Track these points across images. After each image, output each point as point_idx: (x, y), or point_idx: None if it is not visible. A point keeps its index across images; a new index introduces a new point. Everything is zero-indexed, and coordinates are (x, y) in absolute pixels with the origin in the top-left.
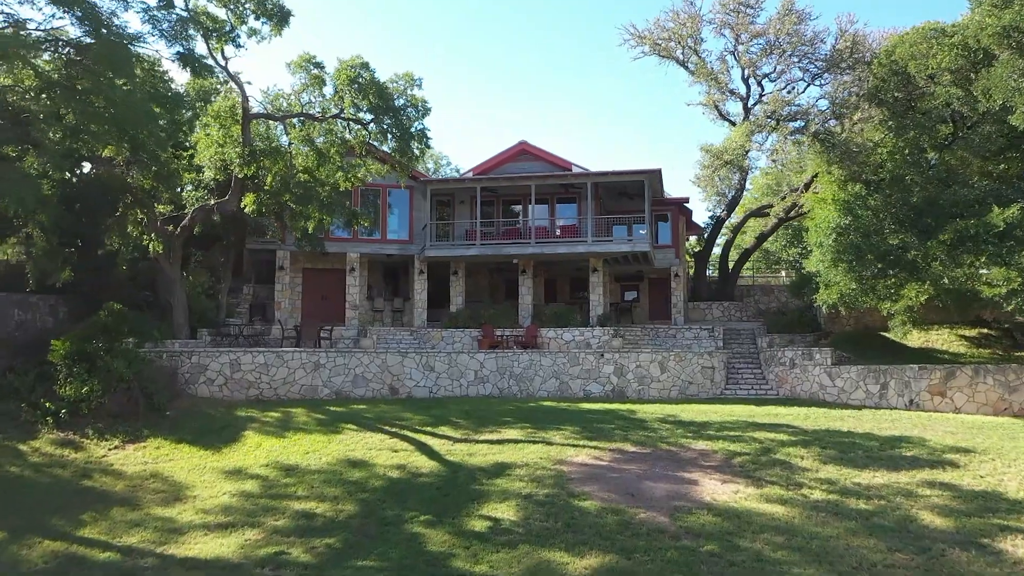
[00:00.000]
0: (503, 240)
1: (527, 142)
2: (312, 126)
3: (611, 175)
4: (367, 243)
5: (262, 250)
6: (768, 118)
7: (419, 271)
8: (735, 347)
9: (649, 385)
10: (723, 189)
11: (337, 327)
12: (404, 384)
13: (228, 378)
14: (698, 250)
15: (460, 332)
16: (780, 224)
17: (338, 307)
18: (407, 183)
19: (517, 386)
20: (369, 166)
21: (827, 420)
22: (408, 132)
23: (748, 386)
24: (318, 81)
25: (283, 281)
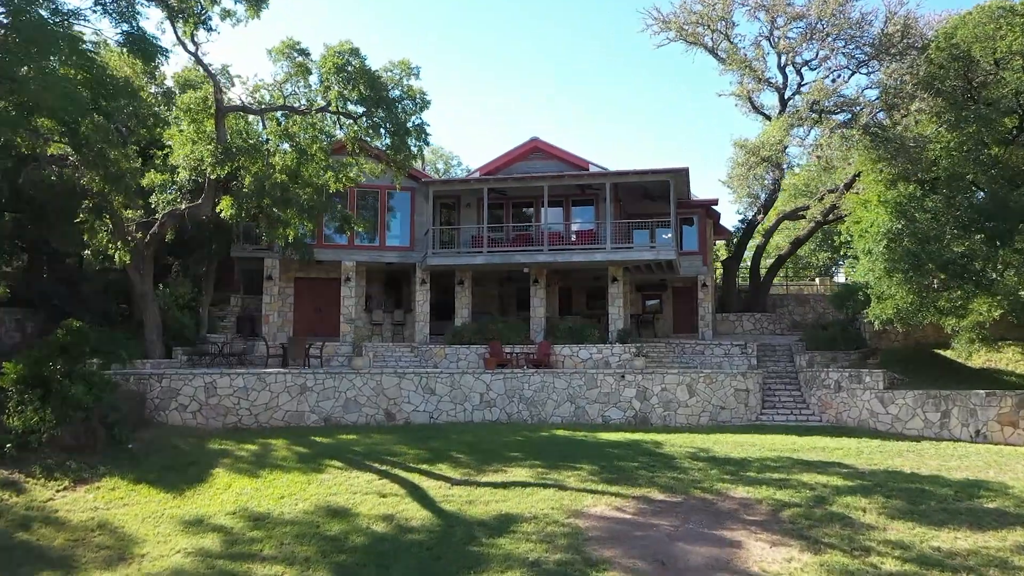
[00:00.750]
0: (513, 247)
1: (539, 139)
2: (295, 120)
3: (632, 175)
4: (364, 250)
5: (250, 258)
6: (810, 110)
7: (421, 281)
8: (770, 365)
9: (676, 411)
10: (755, 189)
11: (331, 342)
12: (401, 409)
13: (203, 404)
14: (727, 256)
15: (465, 349)
16: (817, 228)
17: (334, 320)
18: (407, 184)
19: (527, 411)
20: (362, 165)
21: (884, 456)
22: (404, 127)
23: (787, 411)
24: (302, 70)
25: (271, 292)
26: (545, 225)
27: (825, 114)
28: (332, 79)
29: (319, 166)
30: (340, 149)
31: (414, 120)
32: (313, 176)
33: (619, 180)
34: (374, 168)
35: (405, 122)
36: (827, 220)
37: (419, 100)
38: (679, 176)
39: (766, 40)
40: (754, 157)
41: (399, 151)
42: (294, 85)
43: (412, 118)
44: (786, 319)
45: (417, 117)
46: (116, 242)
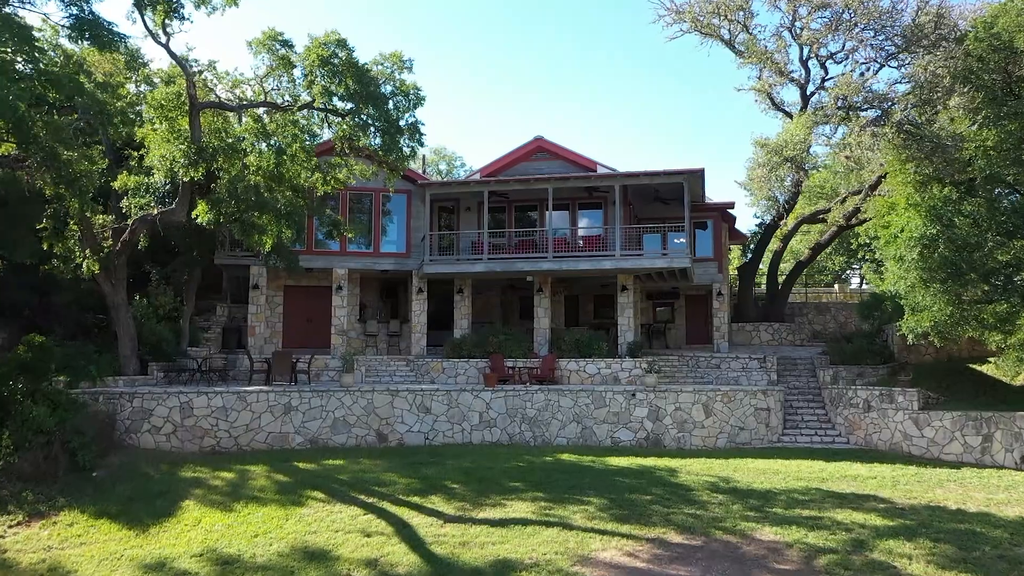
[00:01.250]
0: (515, 254)
1: (543, 138)
2: (274, 118)
3: (644, 176)
4: (357, 257)
5: (237, 265)
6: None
7: (418, 290)
8: (791, 380)
9: (691, 432)
10: (775, 192)
11: (322, 355)
12: (394, 429)
13: (178, 425)
14: (743, 263)
15: (464, 363)
16: (839, 233)
17: (326, 330)
18: (403, 187)
19: (531, 431)
20: (352, 166)
21: (922, 487)
22: (395, 125)
23: (811, 431)
24: (285, 64)
25: (258, 302)
26: (550, 230)
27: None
28: (316, 73)
29: (301, 167)
30: (329, 150)
31: (407, 118)
32: (294, 178)
33: (629, 182)
34: (365, 170)
35: (397, 120)
36: (849, 224)
37: (412, 96)
38: (694, 178)
39: (787, 31)
40: (776, 157)
41: (390, 151)
42: (277, 80)
43: (405, 116)
44: (806, 329)
45: (410, 114)
46: (84, 250)
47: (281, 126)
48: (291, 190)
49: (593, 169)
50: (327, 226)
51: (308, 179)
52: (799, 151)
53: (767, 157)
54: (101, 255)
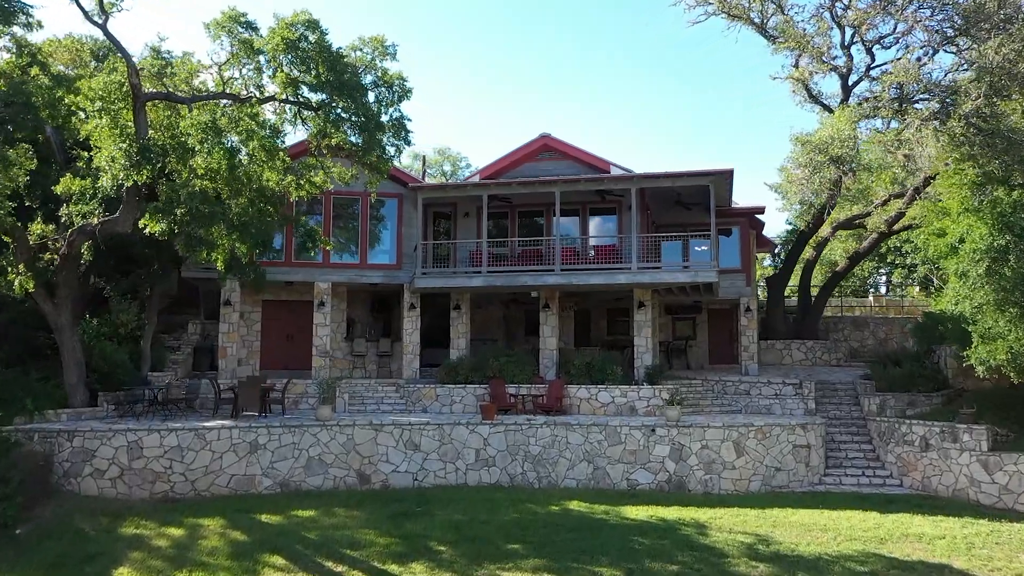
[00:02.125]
0: (519, 266)
1: (550, 135)
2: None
3: (664, 178)
4: (342, 269)
5: (208, 278)
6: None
7: (410, 305)
8: (831, 409)
9: (720, 474)
10: (808, 195)
11: (300, 380)
12: (378, 469)
13: (125, 468)
14: (772, 273)
15: (460, 389)
16: (881, 240)
17: (308, 349)
18: (393, 190)
19: (534, 471)
20: (329, 168)
21: (1004, 552)
22: (375, 120)
23: (857, 471)
24: (247, 49)
25: (230, 320)
26: (557, 239)
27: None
28: (281, 58)
29: (263, 168)
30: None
31: (391, 113)
32: (255, 181)
33: (647, 185)
34: (343, 172)
35: (378, 114)
36: (892, 231)
37: (397, 88)
38: (721, 180)
39: (828, 12)
40: (821, 156)
41: (369, 150)
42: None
43: (389, 110)
44: (842, 347)
45: (395, 109)
46: (18, 264)
47: (234, 121)
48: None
49: (606, 170)
50: (301, 237)
51: (280, 183)
52: (847, 149)
53: (808, 156)
54: (39, 269)
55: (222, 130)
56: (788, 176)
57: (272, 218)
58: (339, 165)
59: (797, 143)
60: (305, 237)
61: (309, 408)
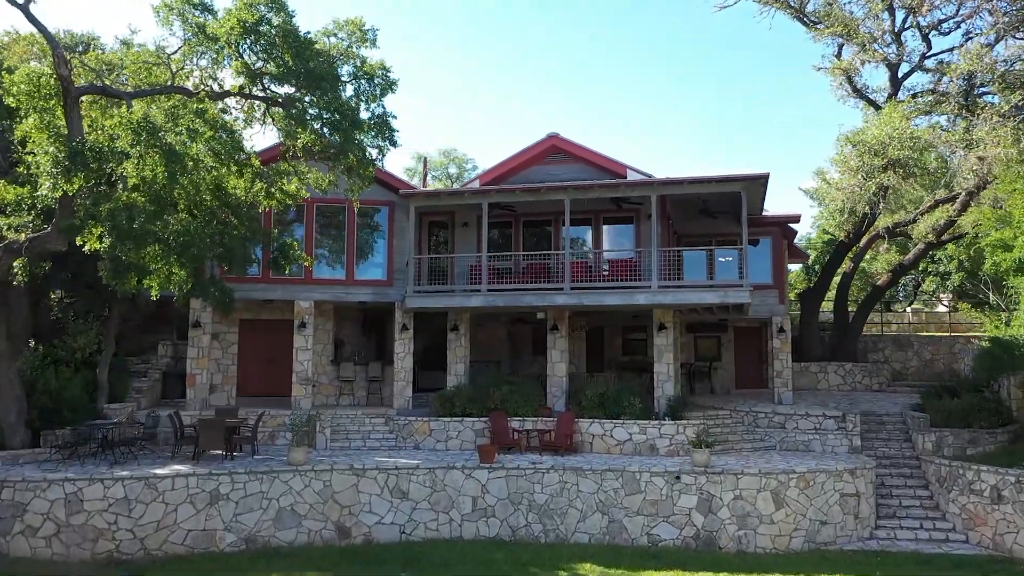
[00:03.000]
0: (524, 283)
1: (559, 136)
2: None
3: (689, 184)
4: (326, 286)
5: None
6: (960, 90)
7: (402, 326)
8: (878, 445)
9: (756, 529)
10: (860, 205)
11: (279, 412)
12: (360, 521)
13: (62, 524)
14: (805, 288)
15: (457, 423)
16: (927, 251)
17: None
18: (383, 197)
19: (540, 523)
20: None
21: None
22: (352, 117)
23: (914, 523)
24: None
25: (200, 344)
26: (567, 252)
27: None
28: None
29: (219, 175)
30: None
31: (373, 108)
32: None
33: (670, 191)
34: (320, 178)
35: (356, 110)
36: (941, 241)
37: (380, 80)
38: (755, 186)
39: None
40: (877, 159)
41: (344, 153)
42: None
43: (371, 105)
44: (884, 369)
45: (377, 104)
46: None
47: (171, 118)
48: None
49: (622, 175)
50: (274, 252)
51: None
52: (908, 151)
53: (861, 159)
54: None
55: (158, 129)
56: (839, 183)
57: (240, 232)
58: (316, 170)
59: (846, 143)
60: (278, 253)
61: (287, 444)
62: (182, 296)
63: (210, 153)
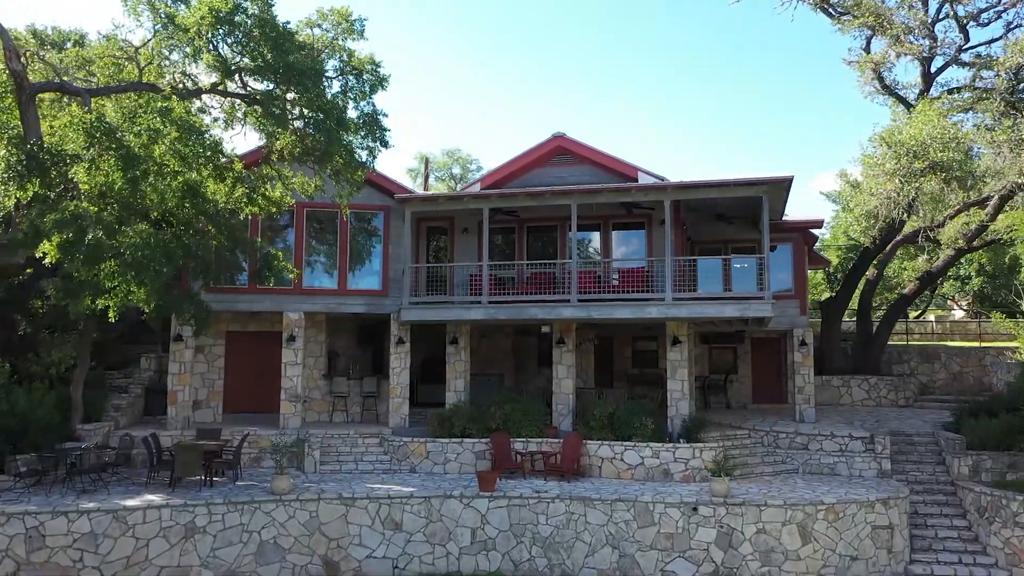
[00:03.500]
0: (528, 294)
1: (566, 136)
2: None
3: (706, 188)
4: (317, 296)
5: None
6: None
7: (398, 340)
8: (909, 469)
9: (781, 566)
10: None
11: (266, 432)
12: (349, 555)
13: (23, 562)
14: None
15: (456, 445)
16: (958, 257)
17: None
18: (378, 202)
19: (544, 557)
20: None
21: None
22: (339, 117)
23: (952, 557)
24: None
25: (182, 359)
26: (574, 262)
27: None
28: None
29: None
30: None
31: (362, 106)
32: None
33: (685, 196)
34: (306, 183)
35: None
36: (972, 246)
37: (369, 75)
38: (777, 190)
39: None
40: (919, 161)
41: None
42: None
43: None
44: (911, 383)
45: (367, 102)
46: None
47: (128, 117)
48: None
49: (633, 177)
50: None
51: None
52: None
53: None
54: None
55: (115, 130)
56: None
57: (219, 241)
58: (301, 174)
59: (880, 144)
60: (262, 263)
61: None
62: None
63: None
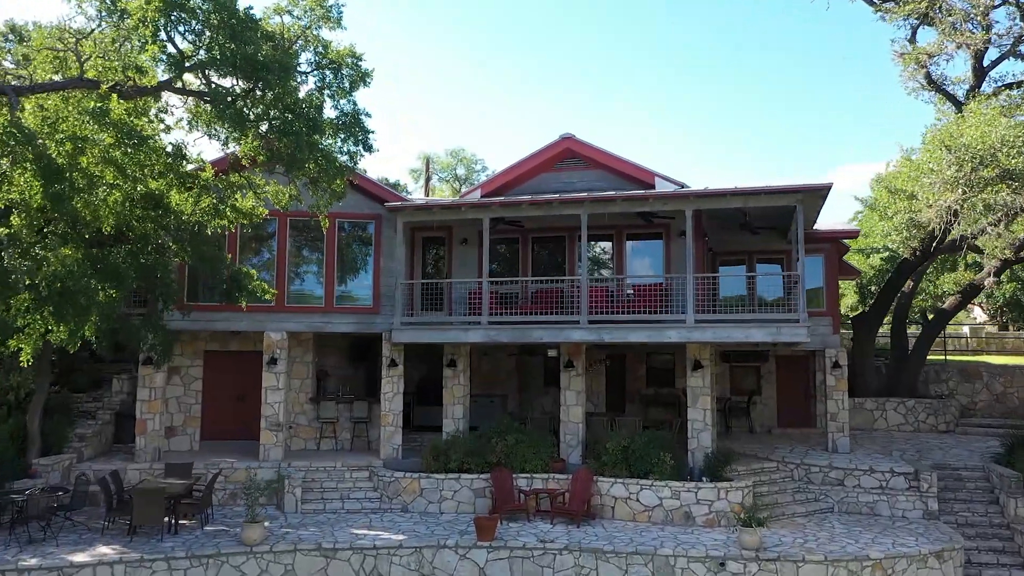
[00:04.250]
0: (532, 313)
1: (574, 137)
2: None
3: (733, 196)
4: (302, 314)
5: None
6: None
7: (390, 362)
8: (958, 508)
9: None
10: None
11: (246, 465)
12: None
13: None
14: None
15: (453, 481)
16: (1004, 268)
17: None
18: (368, 210)
19: None
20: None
21: None
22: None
23: None
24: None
25: (152, 384)
26: (584, 279)
27: None
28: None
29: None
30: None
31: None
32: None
33: (710, 206)
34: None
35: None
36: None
37: (348, 70)
38: (814, 198)
39: None
40: (988, 169)
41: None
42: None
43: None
44: (951, 407)
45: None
46: None
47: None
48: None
49: (650, 184)
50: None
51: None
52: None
53: (962, 167)
54: None
55: (34, 136)
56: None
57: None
58: (275, 182)
59: (939, 147)
60: (230, 283)
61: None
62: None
63: (111, 166)
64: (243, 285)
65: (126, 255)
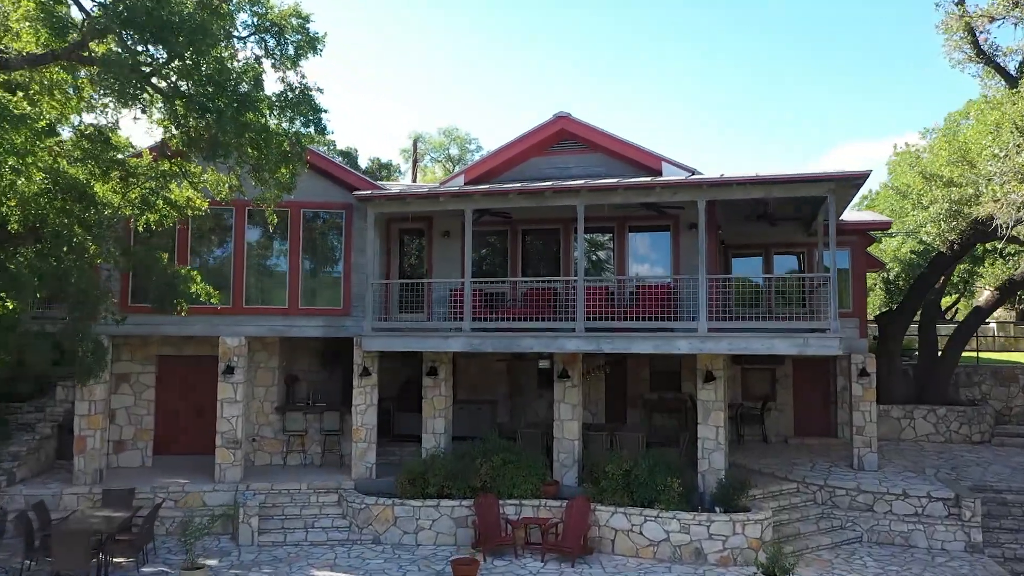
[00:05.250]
0: (521, 316)
1: (570, 116)
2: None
3: (755, 185)
4: (263, 316)
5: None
6: None
7: (362, 370)
8: (1003, 538)
9: None
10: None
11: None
12: None
13: None
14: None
15: (431, 509)
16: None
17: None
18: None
19: None
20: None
21: None
22: (240, 92)
23: None
24: None
25: (91, 396)
26: (581, 280)
27: None
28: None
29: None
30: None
31: (287, 78)
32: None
33: (727, 196)
34: (219, 180)
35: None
36: None
37: (294, 34)
38: (845, 188)
39: None
40: None
41: (219, 148)
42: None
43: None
44: (986, 415)
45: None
46: None
47: None
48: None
49: (656, 170)
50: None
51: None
52: None
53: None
54: None
55: None
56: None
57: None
58: (212, 170)
59: (1008, 128)
60: (163, 288)
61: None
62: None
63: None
64: (180, 290)
65: (32, 258)
